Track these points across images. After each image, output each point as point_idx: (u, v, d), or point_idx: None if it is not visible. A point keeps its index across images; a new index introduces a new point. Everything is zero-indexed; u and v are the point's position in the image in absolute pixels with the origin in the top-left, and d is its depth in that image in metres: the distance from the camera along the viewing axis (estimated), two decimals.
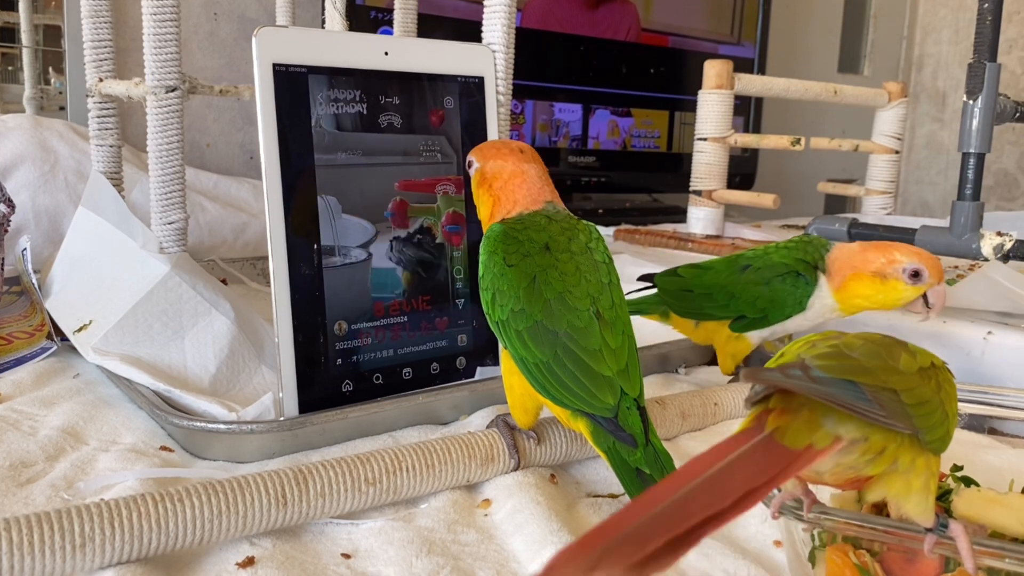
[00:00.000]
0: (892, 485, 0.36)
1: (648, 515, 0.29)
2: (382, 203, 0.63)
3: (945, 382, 0.38)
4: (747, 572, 0.45)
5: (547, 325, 0.49)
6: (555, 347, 0.49)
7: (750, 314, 0.69)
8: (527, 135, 1.61)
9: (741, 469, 0.32)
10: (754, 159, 1.95)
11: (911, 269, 0.61)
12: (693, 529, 0.29)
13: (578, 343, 0.49)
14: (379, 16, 1.37)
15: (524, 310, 0.50)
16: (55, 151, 1.04)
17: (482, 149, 0.58)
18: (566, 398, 0.49)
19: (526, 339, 0.50)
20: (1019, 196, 2.39)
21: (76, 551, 0.40)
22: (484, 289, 0.52)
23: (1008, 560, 0.35)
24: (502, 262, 0.51)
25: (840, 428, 0.35)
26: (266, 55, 0.58)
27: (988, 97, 0.86)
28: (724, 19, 1.88)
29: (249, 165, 1.38)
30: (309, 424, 0.57)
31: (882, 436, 0.35)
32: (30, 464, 0.54)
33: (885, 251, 0.62)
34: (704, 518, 0.29)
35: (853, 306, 0.65)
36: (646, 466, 0.47)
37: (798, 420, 0.34)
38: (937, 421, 0.36)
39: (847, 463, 0.35)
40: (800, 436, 0.34)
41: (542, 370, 0.49)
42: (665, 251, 1.26)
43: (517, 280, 0.50)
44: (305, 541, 0.47)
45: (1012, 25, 2.29)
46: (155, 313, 0.68)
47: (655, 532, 0.28)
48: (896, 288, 0.61)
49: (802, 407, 0.35)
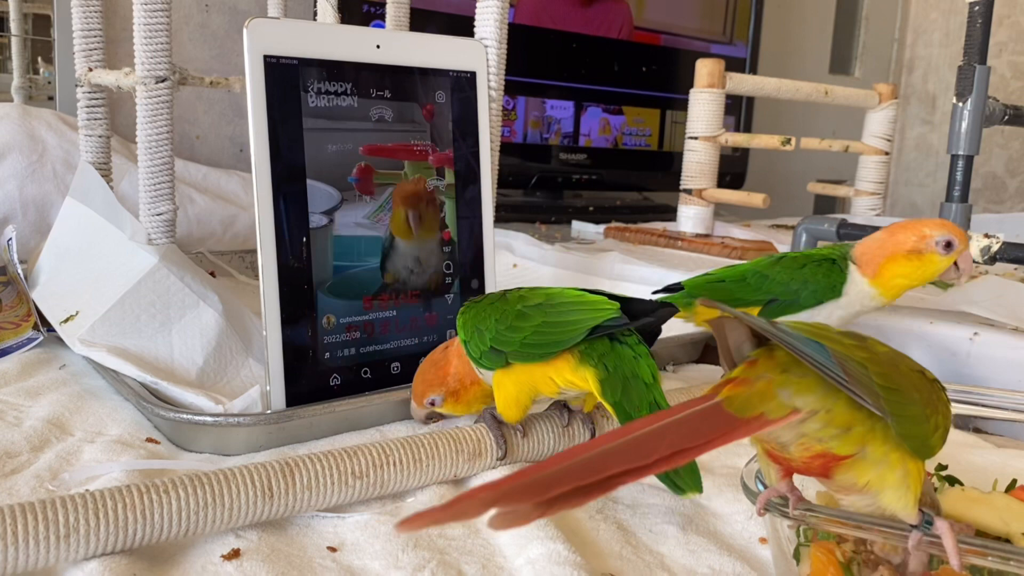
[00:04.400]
0: (862, 473, 0.35)
1: (567, 463, 0.30)
2: (347, 169, 0.62)
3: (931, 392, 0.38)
4: (732, 569, 0.45)
5: (527, 306, 0.53)
6: (544, 310, 0.52)
7: (782, 296, 0.69)
8: (519, 131, 1.61)
9: (675, 430, 0.32)
10: (744, 158, 1.96)
11: (944, 241, 0.64)
12: (608, 478, 0.30)
13: (560, 299, 0.53)
14: (371, 10, 1.36)
15: (505, 312, 0.53)
16: (43, 141, 1.04)
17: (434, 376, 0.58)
18: (570, 328, 0.50)
19: (516, 326, 0.52)
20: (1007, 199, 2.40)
21: (60, 542, 0.40)
22: (468, 339, 0.55)
23: (991, 558, 0.35)
24: (472, 310, 0.56)
25: (797, 399, 0.34)
26: (257, 47, 0.57)
27: (977, 100, 0.86)
28: (716, 18, 1.88)
29: (239, 158, 1.37)
30: (296, 417, 0.57)
31: (847, 412, 0.35)
32: (15, 455, 0.53)
33: (914, 229, 0.65)
34: (622, 470, 0.30)
35: (894, 287, 0.67)
36: None
37: (752, 390, 0.35)
38: (912, 415, 0.35)
39: (810, 434, 0.35)
40: (750, 405, 0.34)
41: (541, 331, 0.51)
42: (655, 249, 1.27)
43: (489, 305, 0.55)
44: (291, 534, 0.47)
45: (1002, 29, 2.30)
46: (142, 305, 0.68)
47: (567, 477, 0.30)
48: (933, 261, 0.64)
49: (760, 379, 0.35)
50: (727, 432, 0.33)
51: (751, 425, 0.34)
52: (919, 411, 0.36)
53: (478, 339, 0.54)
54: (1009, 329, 0.74)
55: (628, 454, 0.31)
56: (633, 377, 0.49)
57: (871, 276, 0.67)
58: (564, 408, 0.58)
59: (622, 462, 0.31)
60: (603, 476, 0.30)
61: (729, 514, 0.52)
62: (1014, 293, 0.80)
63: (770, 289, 0.69)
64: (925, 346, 0.75)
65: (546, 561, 0.43)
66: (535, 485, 0.29)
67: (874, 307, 0.69)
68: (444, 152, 0.67)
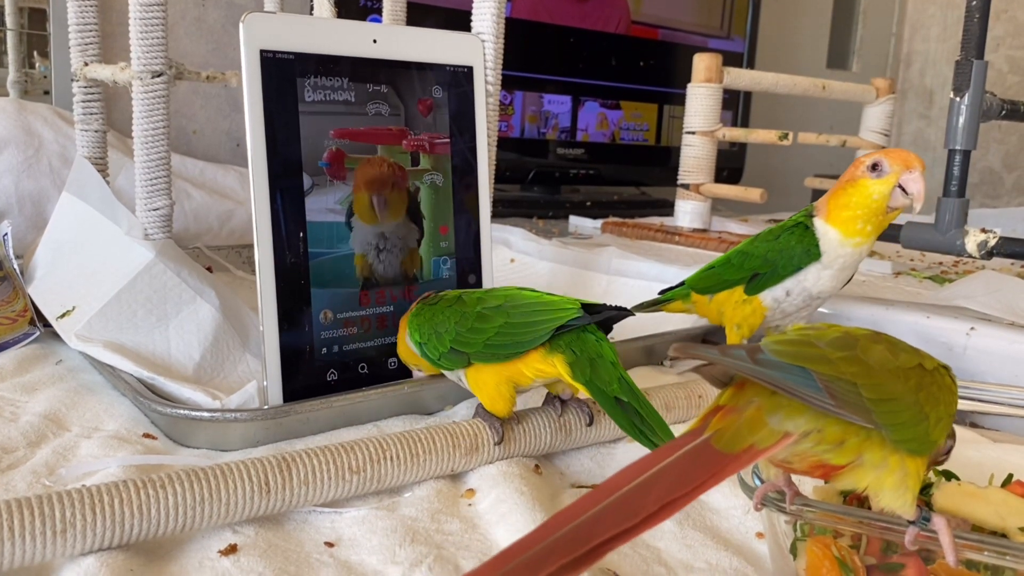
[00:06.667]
0: (861, 479, 0.35)
1: (554, 536, 0.29)
2: (318, 153, 0.61)
3: (931, 384, 0.37)
4: (729, 563, 0.45)
5: (486, 307, 0.55)
6: (505, 311, 0.54)
7: (762, 269, 0.69)
8: (516, 126, 1.61)
9: (663, 480, 0.32)
10: (742, 153, 1.96)
11: (870, 163, 0.63)
12: (597, 547, 0.29)
13: (519, 300, 0.55)
14: (368, 4, 1.36)
15: (465, 314, 0.55)
16: (39, 135, 1.03)
17: None
18: (535, 328, 0.52)
19: (477, 328, 0.54)
20: (1003, 194, 2.41)
21: (57, 537, 0.40)
22: (424, 340, 0.57)
23: (987, 553, 0.35)
24: (422, 312, 0.58)
25: (788, 423, 0.34)
26: (253, 41, 0.57)
27: (975, 94, 0.86)
28: (714, 13, 1.88)
29: (236, 152, 1.37)
30: (293, 413, 0.57)
31: (839, 428, 0.34)
32: (11, 450, 0.53)
33: (856, 163, 0.65)
34: (610, 536, 0.30)
35: (846, 220, 0.65)
36: (623, 394, 0.50)
37: (741, 421, 0.34)
38: (907, 420, 0.35)
39: (804, 451, 0.35)
40: (739, 439, 0.34)
41: (504, 332, 0.53)
42: (652, 244, 1.27)
43: (442, 311, 0.57)
44: (288, 529, 0.47)
45: (999, 23, 2.30)
46: (139, 300, 0.67)
47: (555, 555, 0.29)
48: (865, 185, 0.64)
49: (750, 404, 0.35)
50: (717, 473, 0.33)
51: (741, 459, 0.33)
52: (914, 413, 0.35)
53: (436, 341, 0.56)
54: (1005, 324, 0.74)
55: (615, 517, 0.30)
56: (599, 357, 0.51)
57: (826, 217, 0.66)
58: (556, 400, 0.58)
59: (609, 527, 0.30)
60: (591, 546, 0.29)
61: (726, 509, 0.52)
62: (1010, 288, 0.80)
63: (751, 265, 0.70)
64: (922, 341, 0.75)
65: None
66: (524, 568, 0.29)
67: (853, 255, 0.67)
68: (441, 145, 0.67)
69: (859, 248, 0.66)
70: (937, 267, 1.25)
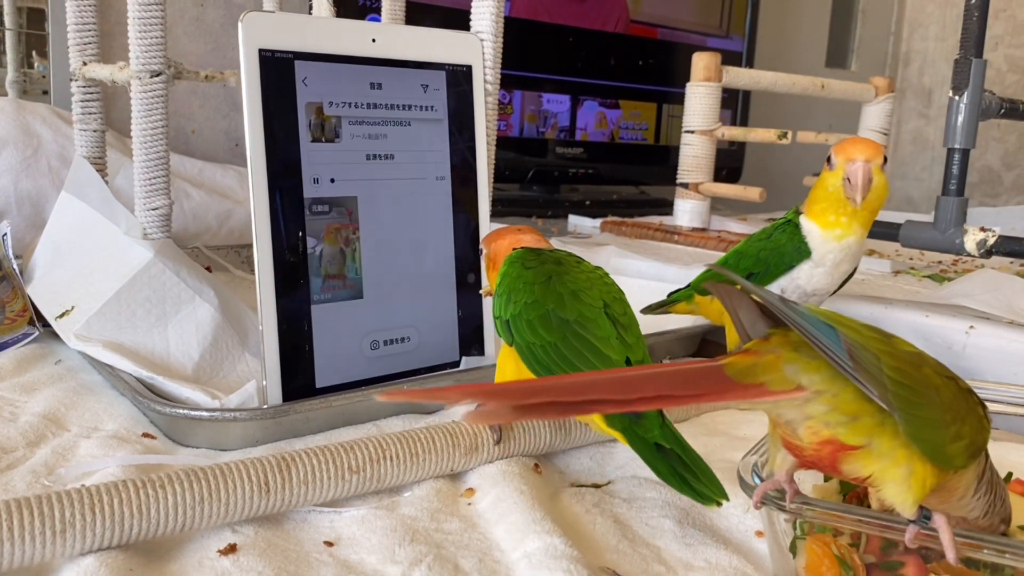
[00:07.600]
0: (867, 465, 0.35)
1: (552, 381, 0.32)
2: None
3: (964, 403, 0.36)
4: (728, 562, 0.45)
5: (559, 314, 0.50)
6: (564, 332, 0.50)
7: (755, 268, 0.69)
8: (515, 125, 1.61)
9: (666, 376, 0.33)
10: (741, 152, 1.96)
11: (828, 156, 0.63)
12: (587, 402, 0.32)
13: (588, 329, 0.50)
14: (367, 3, 1.36)
15: (537, 301, 0.51)
16: (38, 135, 1.03)
17: (488, 236, 0.60)
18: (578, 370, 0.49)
19: (536, 326, 0.50)
20: (1003, 192, 2.41)
21: (56, 537, 0.40)
22: (500, 294, 0.54)
23: (987, 551, 0.36)
24: (520, 267, 0.54)
25: (803, 377, 0.34)
26: (252, 41, 0.57)
27: (974, 93, 0.86)
28: (713, 12, 1.88)
29: (234, 152, 1.37)
30: (293, 412, 0.57)
31: (854, 400, 0.34)
32: (10, 450, 0.53)
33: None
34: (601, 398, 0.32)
35: (819, 215, 0.65)
36: (664, 441, 0.46)
37: (758, 360, 0.35)
38: (929, 418, 0.34)
39: (817, 416, 0.35)
40: (751, 373, 0.34)
41: (549, 352, 0.49)
42: (651, 243, 1.27)
43: (534, 278, 0.53)
44: (287, 529, 0.47)
45: (998, 22, 2.30)
46: (138, 300, 0.67)
47: (548, 391, 0.31)
48: (824, 178, 0.64)
49: (769, 352, 0.35)
50: (720, 391, 0.34)
51: (748, 391, 0.34)
52: (936, 414, 0.35)
53: (502, 303, 0.53)
54: (1005, 322, 0.74)
55: (613, 386, 0.32)
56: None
57: (807, 213, 0.67)
58: None
59: (604, 391, 0.32)
60: (582, 399, 0.31)
61: (726, 507, 0.52)
62: (1009, 286, 0.80)
63: (746, 265, 0.70)
64: (921, 339, 0.75)
65: (543, 555, 0.43)
66: (516, 390, 0.31)
67: (839, 249, 0.65)
68: (440, 146, 0.67)
69: (842, 241, 0.65)
70: (936, 266, 1.25)
